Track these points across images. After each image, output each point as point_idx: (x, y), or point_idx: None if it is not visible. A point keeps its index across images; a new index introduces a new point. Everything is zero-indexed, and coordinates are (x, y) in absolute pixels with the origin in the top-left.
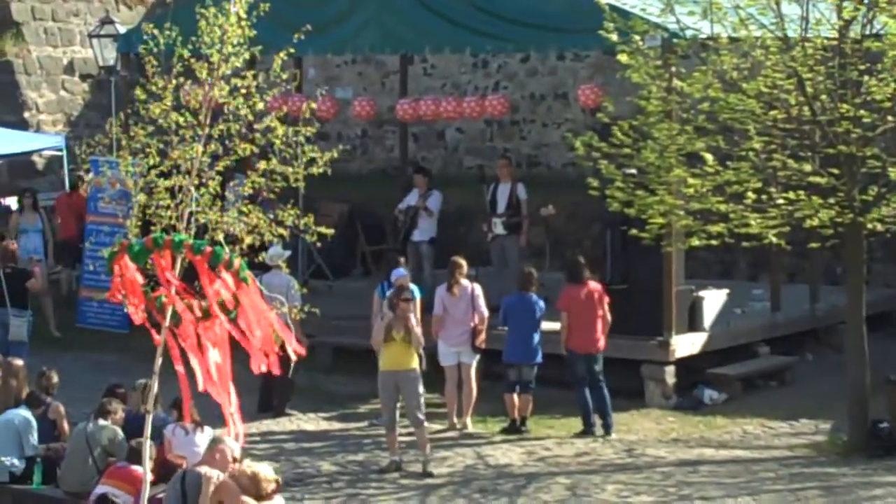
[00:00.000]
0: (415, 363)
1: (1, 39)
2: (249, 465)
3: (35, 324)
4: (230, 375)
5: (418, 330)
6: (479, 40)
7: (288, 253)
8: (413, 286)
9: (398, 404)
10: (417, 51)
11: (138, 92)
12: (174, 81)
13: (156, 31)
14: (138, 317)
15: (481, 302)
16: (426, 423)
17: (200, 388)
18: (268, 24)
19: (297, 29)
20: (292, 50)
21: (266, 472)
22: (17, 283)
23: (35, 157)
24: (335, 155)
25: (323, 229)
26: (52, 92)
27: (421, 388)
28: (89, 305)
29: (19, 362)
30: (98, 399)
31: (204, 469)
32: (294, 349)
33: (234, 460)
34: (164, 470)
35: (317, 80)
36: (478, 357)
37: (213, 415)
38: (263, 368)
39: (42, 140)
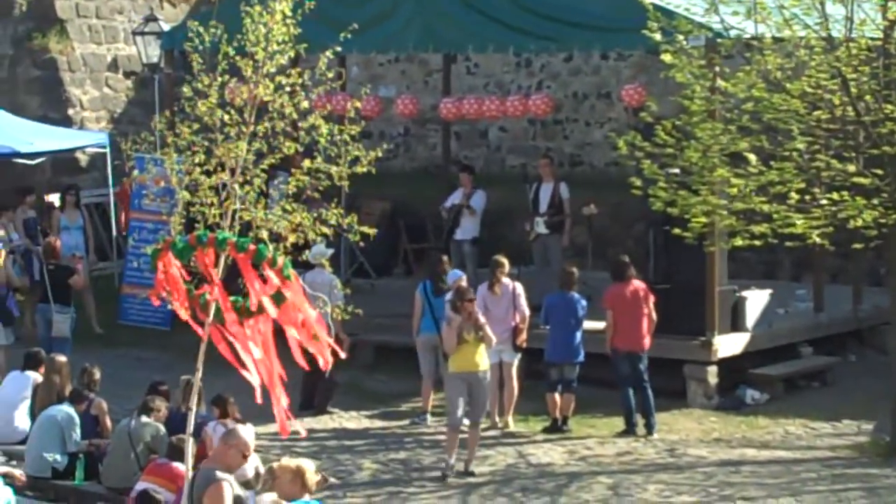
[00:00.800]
0: (485, 364)
1: (45, 37)
2: (293, 460)
3: (77, 320)
4: (277, 373)
5: (489, 329)
6: (523, 39)
7: (331, 251)
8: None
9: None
10: (461, 50)
11: (184, 89)
12: (219, 79)
13: (200, 29)
14: (184, 313)
15: (523, 301)
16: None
17: (256, 382)
18: (312, 22)
19: (341, 27)
20: (338, 48)
21: (309, 466)
22: (60, 280)
23: (79, 154)
24: (379, 154)
25: (366, 228)
26: (95, 89)
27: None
28: (132, 302)
29: (62, 359)
30: (140, 396)
31: (217, 472)
32: (331, 353)
33: (245, 457)
34: None
35: (360, 79)
36: (519, 356)
37: (255, 412)
38: (307, 365)
39: (86, 137)
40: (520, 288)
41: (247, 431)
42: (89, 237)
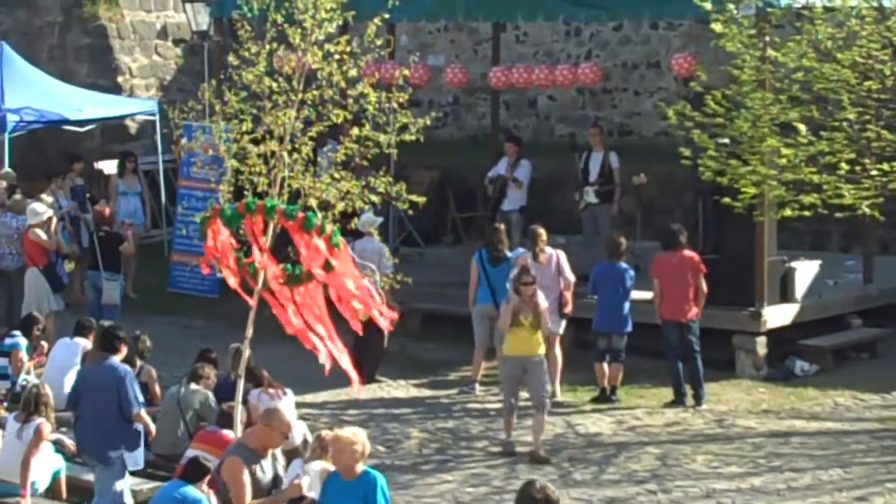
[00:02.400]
0: (541, 348)
1: (95, 4)
2: (344, 430)
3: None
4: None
5: (547, 316)
6: (573, 8)
7: (380, 220)
8: (511, 254)
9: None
10: (510, 18)
11: (231, 57)
12: (267, 47)
13: None
14: (233, 281)
15: (567, 268)
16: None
17: (322, 350)
18: None
19: None
20: (386, 15)
21: (347, 434)
22: (110, 247)
23: (128, 122)
24: (427, 122)
25: (414, 197)
26: (144, 56)
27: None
28: (181, 270)
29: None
30: (189, 363)
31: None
32: (384, 317)
33: (286, 437)
34: None
35: (409, 47)
36: (564, 324)
37: (305, 380)
38: (361, 329)
39: (135, 104)
40: (563, 256)
41: (286, 403)
42: (146, 203)
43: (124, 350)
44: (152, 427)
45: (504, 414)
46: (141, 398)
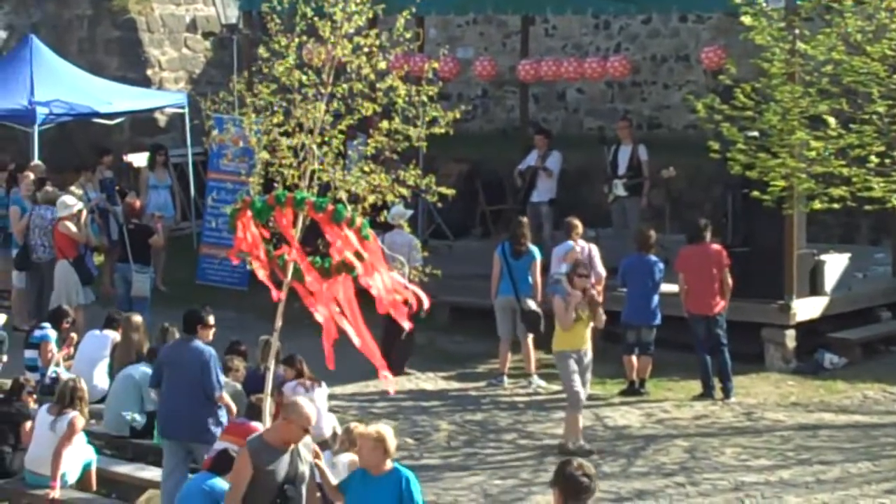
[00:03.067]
0: (590, 341)
1: None
2: (372, 427)
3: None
4: (361, 330)
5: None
6: (602, 2)
7: (410, 212)
8: (533, 247)
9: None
10: (539, 11)
11: (261, 50)
12: (297, 40)
13: None
14: (262, 273)
15: (598, 262)
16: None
17: (354, 336)
18: None
19: None
20: (414, 9)
21: (388, 432)
22: (140, 240)
23: (157, 115)
24: (457, 115)
25: (444, 189)
26: (174, 49)
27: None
28: (210, 262)
29: (138, 318)
30: (218, 355)
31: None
32: (417, 306)
33: (306, 431)
34: None
35: (438, 40)
36: None
37: (334, 373)
38: (399, 321)
39: (165, 97)
40: (595, 249)
41: (320, 395)
42: (176, 196)
43: (209, 333)
44: (234, 407)
45: (574, 412)
46: (224, 380)
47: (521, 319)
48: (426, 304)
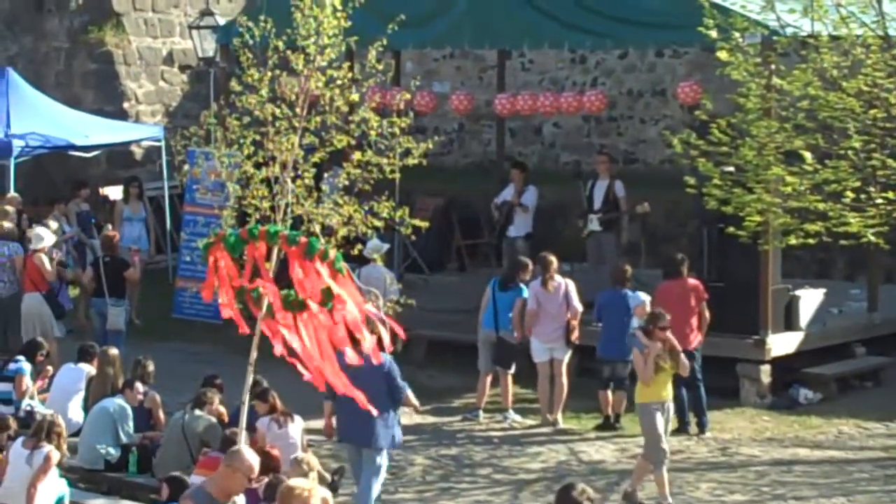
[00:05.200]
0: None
1: (101, 30)
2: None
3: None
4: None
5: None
6: (579, 36)
7: (387, 246)
8: (523, 284)
9: None
10: (516, 46)
11: (233, 83)
12: (269, 73)
13: (251, 24)
14: (227, 311)
15: (575, 297)
16: None
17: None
18: (364, 15)
19: (394, 20)
20: (385, 41)
21: (301, 484)
22: (115, 273)
23: (134, 148)
24: (430, 146)
25: (418, 222)
26: (151, 83)
27: None
28: (185, 296)
29: (114, 351)
30: (193, 389)
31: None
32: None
33: (250, 480)
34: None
35: (414, 74)
36: (570, 352)
37: (309, 407)
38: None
39: (141, 130)
40: (572, 285)
41: (294, 429)
42: (151, 229)
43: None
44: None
45: (659, 469)
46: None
47: (492, 352)
48: (402, 336)
